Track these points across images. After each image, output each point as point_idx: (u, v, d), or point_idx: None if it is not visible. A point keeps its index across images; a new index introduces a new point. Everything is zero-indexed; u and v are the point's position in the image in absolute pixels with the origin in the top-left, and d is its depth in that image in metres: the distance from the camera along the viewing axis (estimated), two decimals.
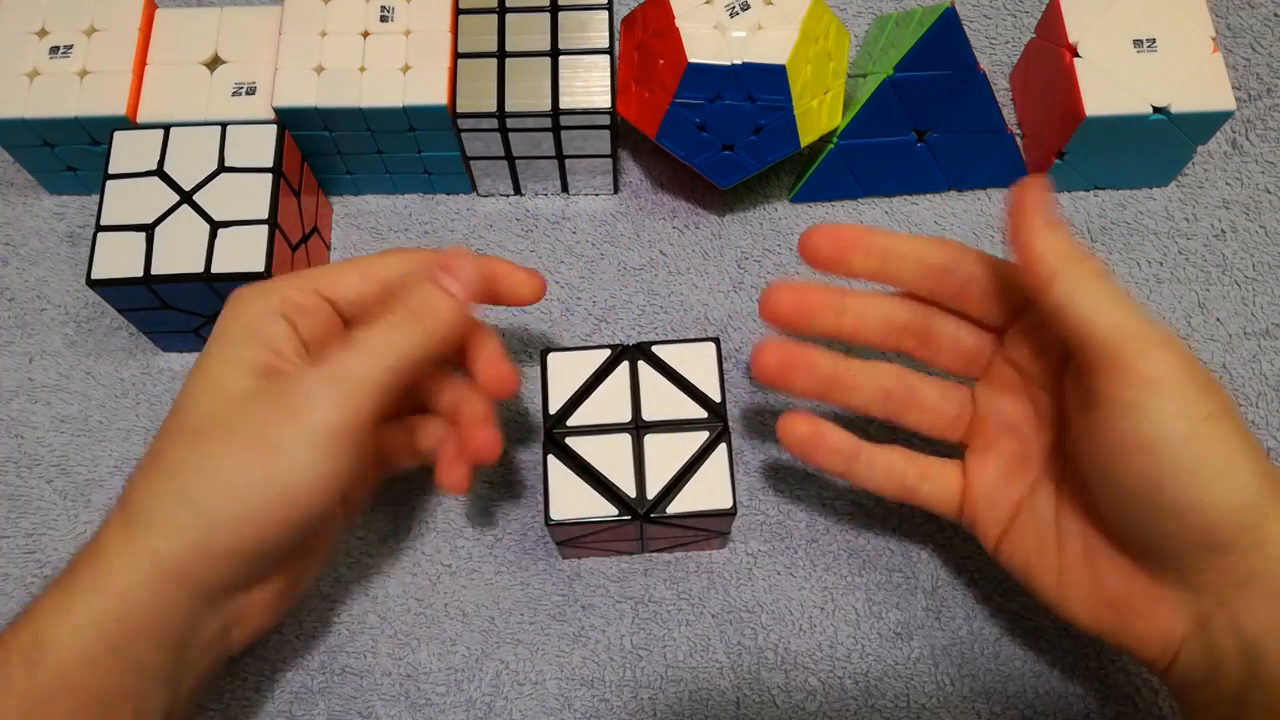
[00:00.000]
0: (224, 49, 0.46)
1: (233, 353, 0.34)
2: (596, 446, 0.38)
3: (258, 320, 0.34)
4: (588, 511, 0.38)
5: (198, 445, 0.32)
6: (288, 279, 0.36)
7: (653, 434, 0.39)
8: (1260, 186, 0.50)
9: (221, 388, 0.33)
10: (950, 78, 0.45)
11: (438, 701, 0.42)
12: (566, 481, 0.38)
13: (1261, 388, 0.46)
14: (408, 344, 0.34)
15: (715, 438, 0.38)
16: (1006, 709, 0.41)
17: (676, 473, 0.38)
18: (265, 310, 0.34)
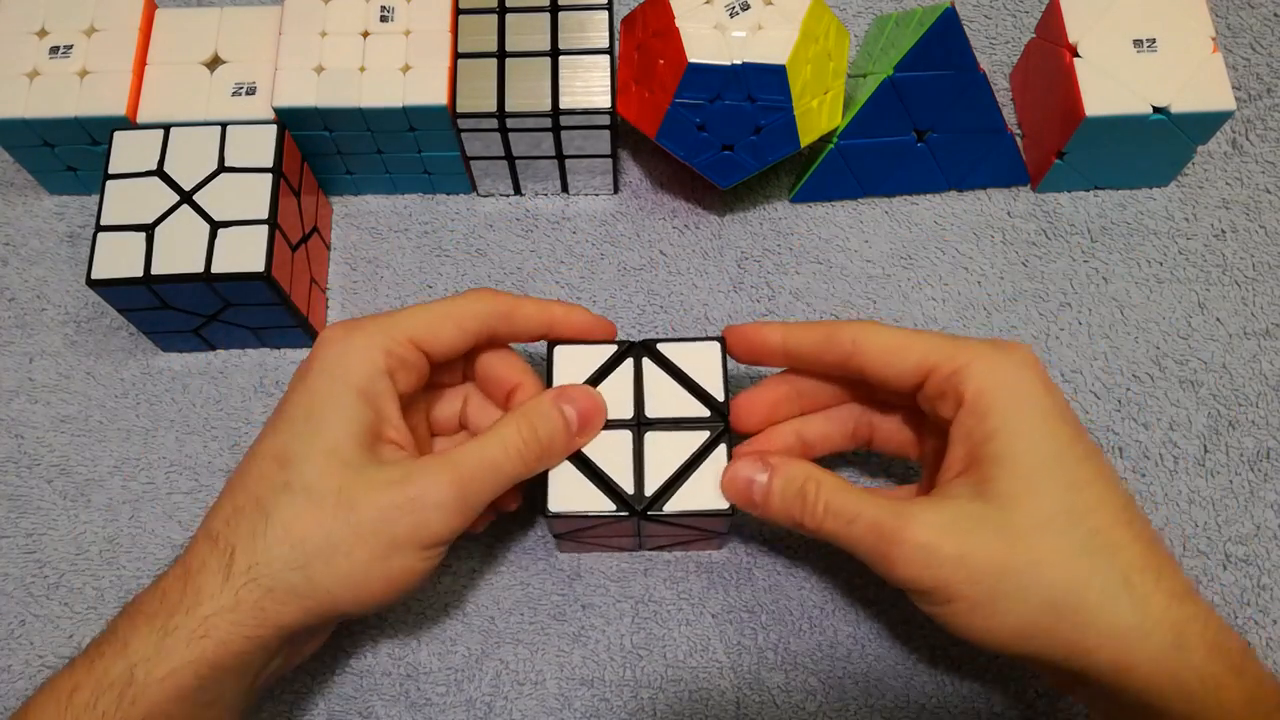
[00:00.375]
0: (224, 49, 0.46)
1: (345, 414, 0.34)
2: (598, 442, 0.38)
3: (366, 379, 0.35)
4: (586, 506, 0.37)
5: (319, 523, 0.33)
6: (385, 328, 0.36)
7: (654, 431, 0.38)
8: (1260, 186, 0.50)
9: (338, 457, 0.34)
10: (950, 78, 0.45)
11: (438, 701, 0.42)
12: (566, 475, 0.38)
13: (1261, 388, 0.46)
14: (523, 473, 0.36)
15: (715, 437, 0.38)
16: (1006, 709, 0.41)
17: (676, 471, 0.38)
18: (372, 367, 0.35)
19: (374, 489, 0.33)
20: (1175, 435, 0.45)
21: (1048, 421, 0.33)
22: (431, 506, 0.34)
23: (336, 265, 0.49)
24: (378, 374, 0.35)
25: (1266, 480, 0.45)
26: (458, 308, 0.37)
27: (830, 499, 0.34)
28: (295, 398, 0.35)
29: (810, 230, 0.50)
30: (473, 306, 0.37)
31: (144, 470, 0.46)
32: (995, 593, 0.32)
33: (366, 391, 0.35)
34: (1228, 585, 0.43)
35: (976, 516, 0.33)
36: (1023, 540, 0.32)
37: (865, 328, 0.36)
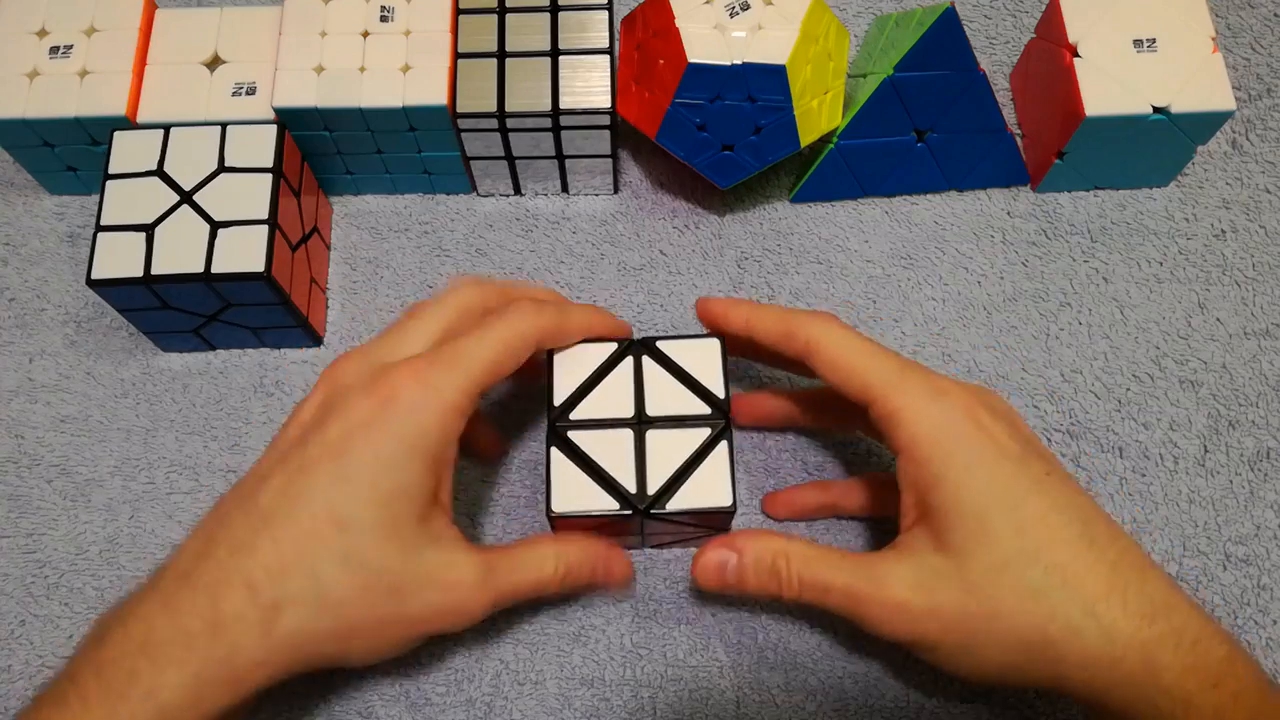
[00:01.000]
0: (224, 49, 0.46)
1: (416, 484, 0.34)
2: (599, 441, 0.38)
3: (440, 446, 0.34)
4: (589, 506, 0.38)
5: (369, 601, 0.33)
6: (458, 383, 0.34)
7: (655, 429, 0.38)
8: (1260, 186, 0.50)
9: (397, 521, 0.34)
10: (950, 78, 0.45)
11: (438, 701, 0.42)
12: (568, 475, 0.38)
13: (1261, 388, 0.46)
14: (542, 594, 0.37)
15: (717, 434, 0.38)
16: (1006, 709, 0.41)
17: (678, 469, 0.38)
18: (449, 433, 0.35)
19: (425, 585, 0.34)
20: (1175, 435, 0.45)
21: (986, 465, 0.34)
22: (465, 615, 0.35)
23: (336, 265, 0.49)
24: (451, 440, 0.35)
25: (1266, 480, 0.45)
26: (514, 334, 0.36)
27: (802, 572, 0.35)
28: (360, 454, 0.33)
29: (810, 230, 0.50)
30: (525, 330, 0.36)
31: (144, 470, 0.46)
32: (969, 640, 0.33)
33: (437, 459, 0.34)
34: (1228, 585, 0.43)
35: (938, 570, 0.34)
36: (981, 591, 0.33)
37: (823, 330, 0.37)
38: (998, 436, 0.34)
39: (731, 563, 0.36)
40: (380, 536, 0.33)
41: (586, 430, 0.39)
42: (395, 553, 0.33)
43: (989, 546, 0.33)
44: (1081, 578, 0.33)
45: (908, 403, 0.35)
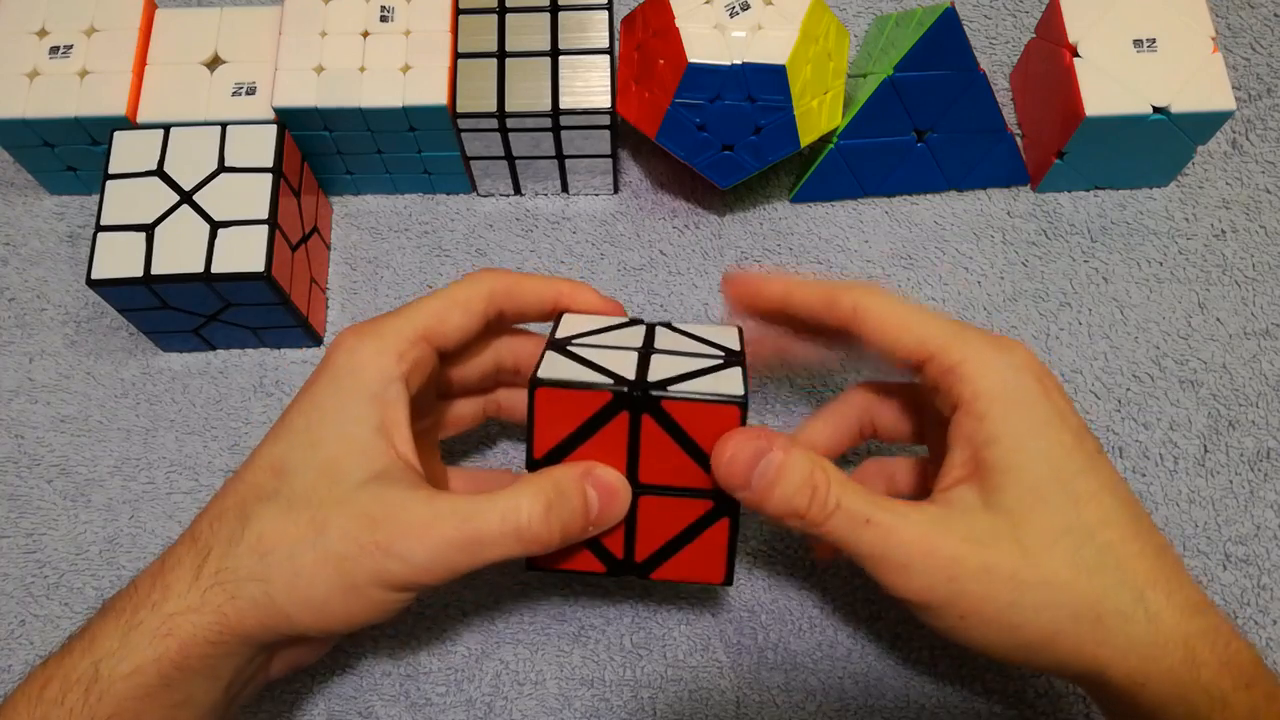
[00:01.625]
0: (224, 49, 0.46)
1: (347, 424, 0.33)
2: (597, 348, 0.34)
3: (376, 385, 0.33)
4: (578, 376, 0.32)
5: (289, 538, 0.31)
6: (397, 328, 0.34)
7: (660, 355, 0.34)
8: (1260, 186, 0.50)
9: (333, 466, 0.32)
10: (950, 78, 0.45)
11: (438, 701, 0.42)
12: (559, 361, 0.33)
13: (1261, 388, 0.46)
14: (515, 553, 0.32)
15: (728, 362, 0.34)
16: (1006, 709, 0.41)
17: (683, 373, 0.33)
18: (383, 373, 0.33)
19: (349, 518, 0.31)
20: (1175, 435, 0.45)
21: (1048, 431, 0.32)
22: (396, 557, 0.31)
23: (336, 265, 0.50)
24: (390, 380, 0.33)
25: (1266, 480, 0.45)
26: (462, 292, 0.36)
27: (842, 496, 0.31)
28: (301, 405, 0.34)
29: (810, 230, 0.50)
30: (476, 288, 0.36)
31: (144, 470, 0.46)
32: (1012, 606, 0.31)
33: (377, 399, 0.33)
34: (1228, 585, 0.43)
35: (991, 529, 0.32)
36: (1036, 556, 0.31)
37: (868, 294, 0.35)
38: (1058, 403, 0.33)
39: (774, 461, 0.31)
40: (314, 475, 0.32)
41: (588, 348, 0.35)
42: (326, 487, 0.32)
43: (1045, 513, 0.31)
44: (1133, 561, 0.32)
45: (971, 355, 0.33)
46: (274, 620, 0.32)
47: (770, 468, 0.31)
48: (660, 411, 0.32)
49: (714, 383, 0.32)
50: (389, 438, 0.33)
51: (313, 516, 0.32)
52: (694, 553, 0.35)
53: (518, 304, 0.37)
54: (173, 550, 0.33)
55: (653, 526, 0.34)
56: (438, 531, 0.31)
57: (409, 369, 0.34)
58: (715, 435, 0.32)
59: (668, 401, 0.32)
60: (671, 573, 0.35)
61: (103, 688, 0.31)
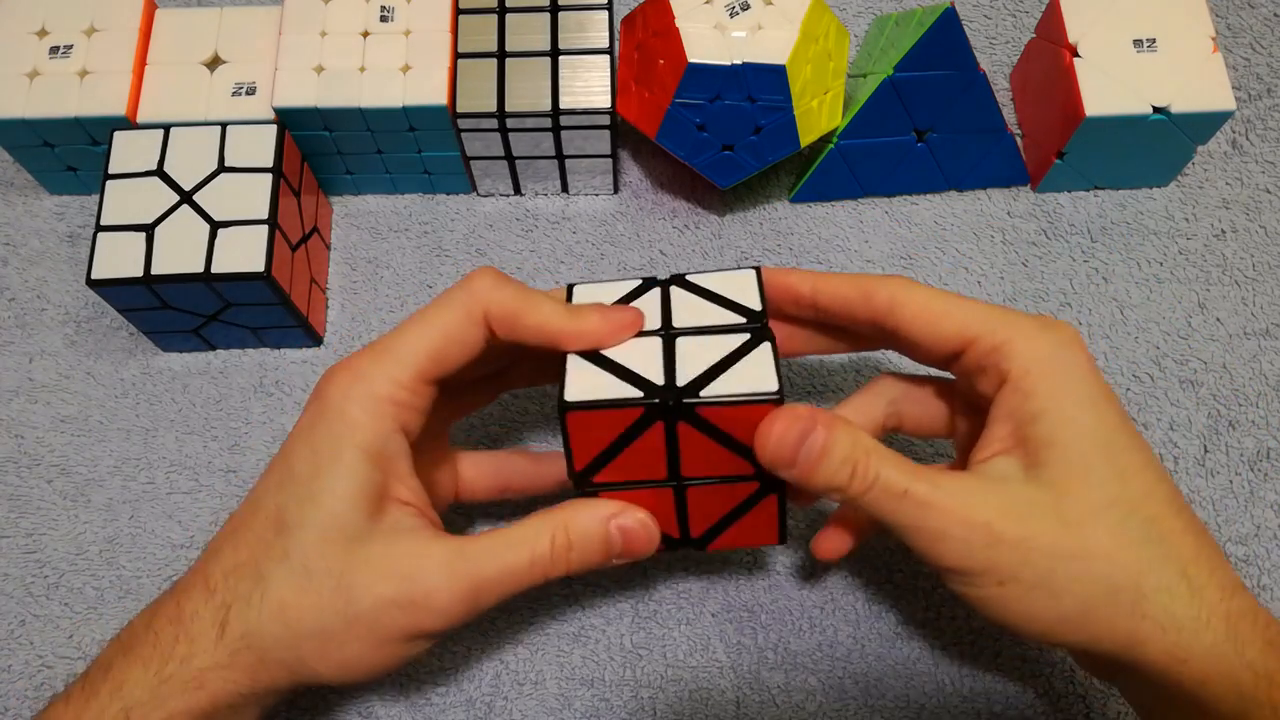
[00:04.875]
0: (224, 49, 0.46)
1: (350, 479, 0.32)
2: (622, 349, 0.33)
3: (374, 438, 0.32)
4: (606, 394, 0.32)
5: (314, 607, 0.31)
6: (389, 373, 0.33)
7: (685, 337, 0.33)
8: (1260, 186, 0.50)
9: (339, 526, 0.32)
10: (950, 78, 0.45)
11: (438, 701, 0.42)
12: (584, 371, 0.33)
13: (1261, 388, 0.46)
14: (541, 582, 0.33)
15: (756, 338, 0.33)
16: (1006, 709, 0.41)
17: (712, 365, 0.32)
18: (382, 428, 0.32)
19: (375, 579, 0.31)
20: (1175, 435, 0.45)
21: (1096, 406, 0.32)
22: (435, 610, 0.32)
23: (336, 265, 0.49)
24: (388, 433, 0.32)
25: (1266, 480, 0.45)
26: (456, 319, 0.33)
27: (881, 469, 0.31)
28: (299, 451, 0.33)
29: (810, 230, 0.50)
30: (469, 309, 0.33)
31: (144, 470, 0.46)
32: (1052, 578, 0.31)
33: (376, 453, 0.32)
34: None
35: (1032, 500, 0.31)
36: (1081, 528, 0.31)
37: (903, 286, 0.35)
38: (1103, 382, 0.33)
39: (818, 440, 0.31)
40: (319, 535, 0.32)
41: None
42: (338, 551, 0.32)
43: (1091, 486, 0.31)
44: (1176, 537, 0.31)
45: (1017, 333, 0.33)
46: (303, 677, 0.33)
47: (815, 447, 0.31)
48: (695, 417, 0.32)
49: (745, 372, 0.32)
50: (393, 491, 0.33)
51: (337, 584, 0.31)
52: (747, 524, 0.35)
53: (517, 337, 0.34)
54: (186, 594, 0.33)
55: (703, 510, 0.35)
56: (463, 577, 0.32)
57: (407, 417, 0.33)
58: (752, 428, 0.32)
59: (701, 408, 0.32)
60: (728, 542, 0.36)
61: None
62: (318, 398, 0.33)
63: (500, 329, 0.34)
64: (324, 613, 0.31)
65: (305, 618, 0.31)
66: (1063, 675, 0.41)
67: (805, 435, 0.31)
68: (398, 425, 0.33)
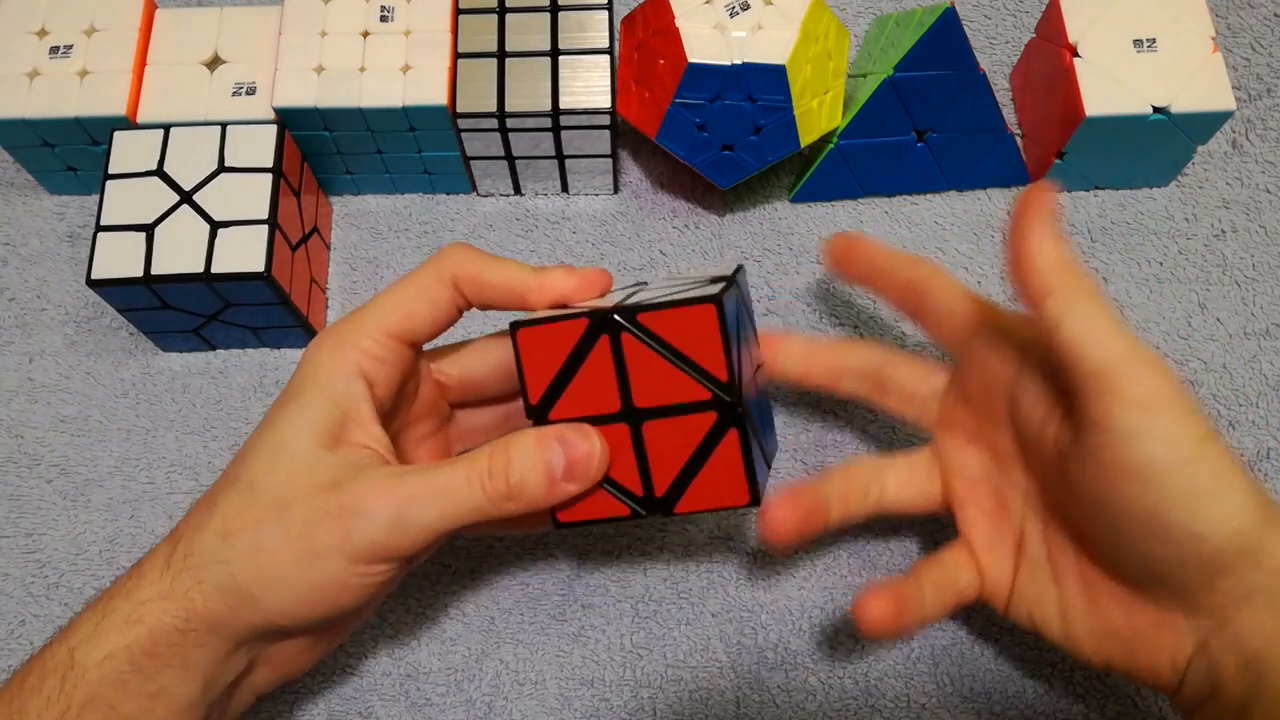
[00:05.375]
0: (224, 49, 0.46)
1: (304, 415, 0.33)
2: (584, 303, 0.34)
3: (334, 380, 0.34)
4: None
5: (252, 519, 0.32)
6: (360, 325, 0.34)
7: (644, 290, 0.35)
8: (1260, 186, 0.50)
9: (288, 453, 0.33)
10: (950, 78, 0.45)
11: (438, 701, 0.42)
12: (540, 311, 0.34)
13: (1262, 388, 0.46)
14: (485, 510, 0.32)
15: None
16: (1006, 709, 0.41)
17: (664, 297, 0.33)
18: (342, 370, 0.34)
19: (310, 490, 0.32)
20: None
21: None
22: (361, 515, 0.31)
23: (336, 265, 0.50)
24: (348, 376, 0.34)
25: (1266, 480, 0.45)
26: (426, 281, 0.35)
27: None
28: (272, 407, 0.35)
29: (810, 230, 0.50)
30: (438, 271, 0.35)
31: (144, 470, 0.46)
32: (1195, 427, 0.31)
33: (332, 392, 0.34)
34: None
35: None
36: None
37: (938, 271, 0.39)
38: None
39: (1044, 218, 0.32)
40: (269, 457, 0.33)
41: None
42: (283, 472, 0.32)
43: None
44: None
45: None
46: (241, 606, 0.32)
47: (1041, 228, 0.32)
48: (638, 326, 0.32)
49: (690, 294, 0.32)
50: (350, 430, 0.34)
51: (275, 497, 0.32)
52: (712, 475, 0.34)
53: (484, 297, 0.35)
54: (155, 547, 0.34)
55: (662, 453, 0.34)
56: (401, 487, 0.32)
57: (371, 365, 0.34)
58: (697, 340, 0.32)
59: (643, 314, 0.32)
60: (695, 502, 0.34)
61: (78, 674, 0.31)
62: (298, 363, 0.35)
63: (468, 289, 0.35)
64: (259, 524, 0.32)
65: (241, 530, 0.32)
66: (1062, 675, 0.41)
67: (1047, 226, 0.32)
68: (358, 370, 0.34)
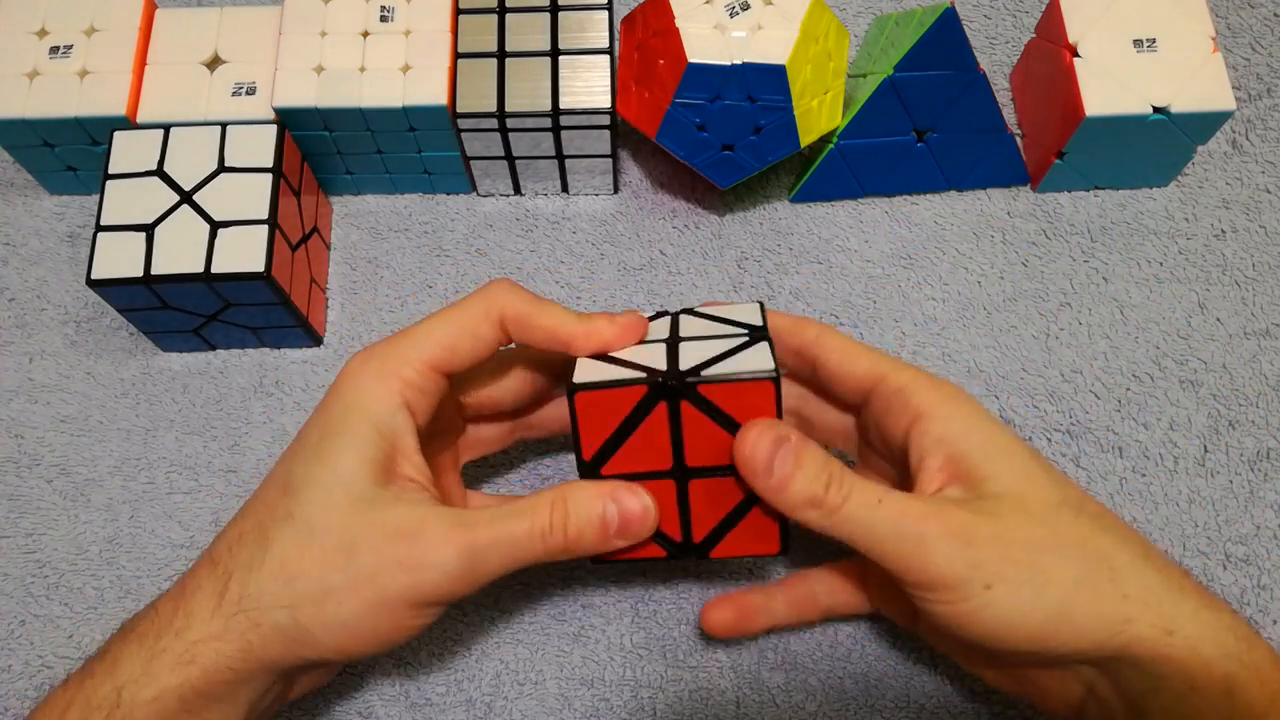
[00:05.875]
0: (224, 49, 0.46)
1: (357, 445, 0.33)
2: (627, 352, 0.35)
3: (381, 412, 0.33)
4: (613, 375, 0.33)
5: (316, 562, 0.32)
6: (404, 354, 0.34)
7: (687, 342, 0.35)
8: (1260, 186, 0.50)
9: (345, 487, 0.32)
10: (950, 78, 0.45)
11: (438, 701, 0.42)
12: (592, 364, 0.34)
13: (1262, 388, 0.46)
14: (541, 559, 0.33)
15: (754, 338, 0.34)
16: (1006, 709, 0.41)
17: (712, 356, 0.33)
18: (389, 401, 0.33)
19: (378, 537, 0.32)
20: (1175, 435, 0.45)
21: (1007, 430, 0.35)
22: (433, 567, 0.32)
23: (336, 265, 0.50)
24: (394, 408, 0.33)
25: (1266, 480, 0.45)
26: (473, 316, 0.35)
27: (854, 482, 0.32)
28: (311, 426, 0.34)
29: (810, 230, 0.50)
30: (486, 308, 0.35)
31: (144, 470, 0.46)
32: (1034, 570, 0.31)
33: (381, 425, 0.33)
34: (1228, 585, 0.43)
35: (998, 502, 0.32)
36: (1046, 521, 0.32)
37: (828, 329, 0.38)
38: None
39: (794, 448, 0.32)
40: (325, 494, 0.32)
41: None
42: (343, 510, 0.32)
43: (1040, 489, 0.33)
44: (1121, 526, 0.34)
45: (918, 377, 0.35)
46: (299, 646, 0.32)
47: (789, 456, 0.32)
48: (697, 396, 0.33)
49: (743, 361, 0.33)
50: (400, 464, 0.34)
51: (339, 541, 0.32)
52: (748, 527, 0.35)
53: (528, 340, 0.36)
54: (193, 574, 0.33)
55: (706, 507, 0.35)
56: (469, 537, 0.32)
57: (414, 397, 0.34)
58: (753, 411, 0.33)
59: (703, 385, 0.33)
60: (729, 550, 0.36)
61: (125, 713, 0.31)
62: (334, 385, 0.35)
63: (514, 329, 0.35)
64: (325, 569, 0.32)
65: (305, 574, 0.32)
66: None
67: (779, 444, 0.32)
68: (403, 401, 0.34)
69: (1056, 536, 0.32)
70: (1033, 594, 0.31)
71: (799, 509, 0.32)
